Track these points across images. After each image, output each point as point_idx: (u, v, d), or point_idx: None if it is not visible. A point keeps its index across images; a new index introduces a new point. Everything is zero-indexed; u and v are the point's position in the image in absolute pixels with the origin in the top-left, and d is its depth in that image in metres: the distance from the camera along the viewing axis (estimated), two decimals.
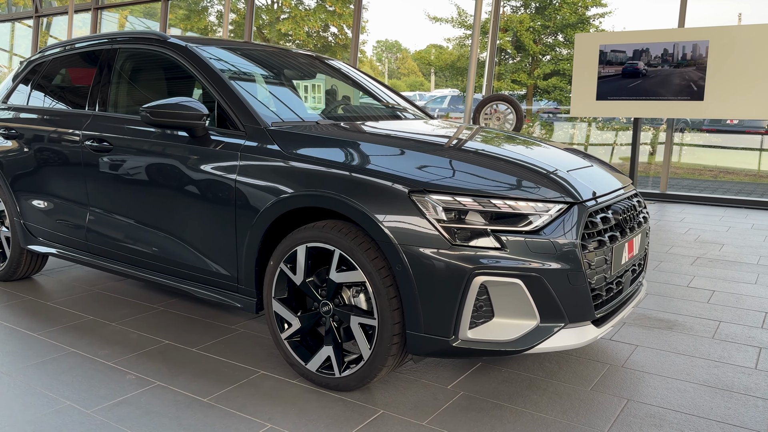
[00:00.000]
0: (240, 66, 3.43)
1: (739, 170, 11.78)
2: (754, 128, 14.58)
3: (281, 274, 2.63)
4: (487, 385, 2.66)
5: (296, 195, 2.53)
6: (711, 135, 15.41)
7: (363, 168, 2.45)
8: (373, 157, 2.55)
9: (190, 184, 2.89)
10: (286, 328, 2.65)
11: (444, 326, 2.30)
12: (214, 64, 3.08)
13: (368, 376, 2.46)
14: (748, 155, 13.25)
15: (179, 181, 2.94)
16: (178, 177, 2.94)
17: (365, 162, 2.50)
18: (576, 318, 2.36)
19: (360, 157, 2.56)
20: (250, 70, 3.48)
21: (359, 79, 4.14)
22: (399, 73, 58.18)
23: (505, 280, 2.25)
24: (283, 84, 3.62)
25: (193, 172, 2.89)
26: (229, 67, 3.30)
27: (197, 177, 2.87)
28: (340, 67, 4.16)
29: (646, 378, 2.74)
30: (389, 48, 63.03)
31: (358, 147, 2.64)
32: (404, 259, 2.29)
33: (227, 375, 2.73)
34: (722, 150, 14.13)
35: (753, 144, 13.90)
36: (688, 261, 4.80)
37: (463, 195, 2.31)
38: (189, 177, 2.90)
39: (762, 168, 12.15)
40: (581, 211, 2.39)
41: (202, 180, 2.85)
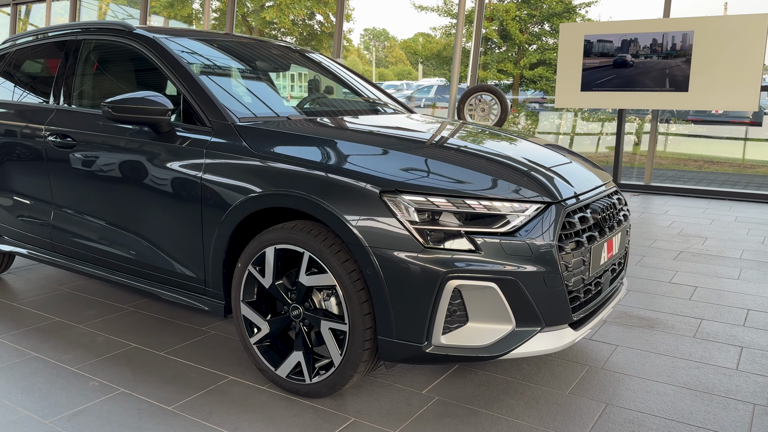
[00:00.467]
0: (213, 58, 3.31)
1: (724, 160, 11.79)
2: (739, 118, 14.62)
3: (249, 277, 2.53)
4: (463, 389, 2.59)
5: (264, 195, 2.43)
6: (696, 125, 15.44)
7: (333, 167, 2.35)
8: (345, 156, 2.45)
9: (155, 182, 2.78)
10: (255, 333, 2.56)
11: (416, 332, 2.21)
12: (180, 56, 2.96)
13: (339, 383, 2.38)
14: (733, 145, 13.27)
15: (144, 179, 2.82)
16: (142, 174, 2.83)
17: (336, 161, 2.40)
18: (553, 321, 2.29)
19: (331, 155, 2.45)
20: (223, 62, 3.36)
21: (338, 72, 4.03)
22: (387, 62, 57.92)
23: (479, 284, 2.17)
24: (257, 77, 3.51)
25: (157, 170, 2.77)
26: (201, 59, 3.19)
27: (162, 175, 2.76)
28: (321, 61, 4.05)
29: (626, 380, 2.68)
30: (377, 36, 62.66)
31: (330, 145, 2.53)
32: (375, 262, 2.20)
33: (194, 381, 2.64)
34: (707, 140, 14.15)
35: (737, 134, 13.93)
36: (671, 255, 4.75)
37: (437, 195, 2.22)
38: (154, 174, 2.79)
39: (746, 157, 12.17)
40: (559, 211, 2.30)
41: (167, 178, 2.74)
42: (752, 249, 4.99)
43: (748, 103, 7.08)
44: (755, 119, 14.76)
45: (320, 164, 2.38)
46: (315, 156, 2.44)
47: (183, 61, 2.92)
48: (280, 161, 2.45)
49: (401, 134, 2.89)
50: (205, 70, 3.09)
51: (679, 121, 14.90)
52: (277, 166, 2.44)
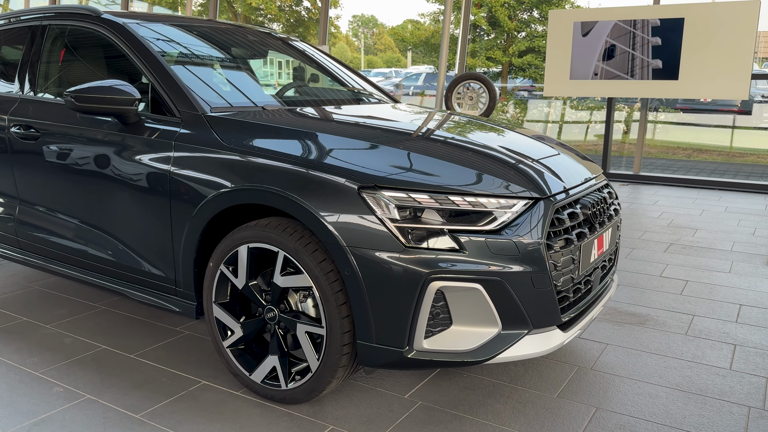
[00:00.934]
0: (187, 45, 3.14)
1: (713, 148, 11.73)
2: (727, 107, 14.58)
3: (222, 277, 2.39)
4: (447, 393, 2.47)
5: (235, 190, 2.29)
6: (685, 114, 15.39)
7: (309, 161, 2.22)
8: (322, 149, 2.32)
9: (122, 176, 2.63)
10: (229, 336, 2.43)
11: (397, 336, 2.09)
12: (149, 42, 2.80)
13: (317, 389, 2.25)
14: (721, 133, 13.22)
15: (110, 173, 2.67)
16: (109, 168, 2.68)
17: (313, 154, 2.27)
18: (541, 323, 2.17)
19: (307, 148, 2.32)
20: (197, 49, 3.20)
21: (321, 60, 3.88)
22: (375, 49, 57.54)
23: (463, 285, 2.05)
24: (234, 65, 3.35)
25: (125, 163, 2.62)
26: (174, 46, 3.02)
27: (129, 168, 2.60)
28: (304, 49, 3.89)
29: (617, 382, 2.58)
30: (365, 23, 62.20)
31: (307, 137, 2.39)
32: (353, 263, 2.07)
33: (165, 386, 2.50)
34: (696, 128, 14.11)
35: (726, 122, 13.90)
36: (661, 248, 4.66)
37: (419, 191, 2.09)
38: (121, 168, 2.63)
39: (736, 146, 12.12)
40: (547, 208, 2.18)
41: (135, 172, 2.59)
42: (743, 241, 4.91)
43: (739, 92, 6.99)
44: (743, 108, 14.75)
45: (295, 158, 2.24)
46: (290, 149, 2.30)
47: (151, 48, 2.76)
48: (252, 154, 2.31)
49: (383, 126, 2.75)
50: (177, 57, 2.93)
51: (668, 110, 14.85)
52: (250, 159, 2.30)
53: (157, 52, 2.76)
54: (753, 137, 13.23)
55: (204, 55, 3.19)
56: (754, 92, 14.97)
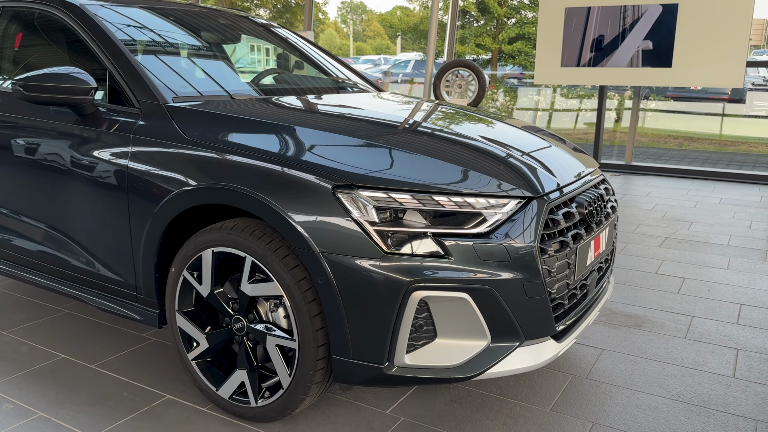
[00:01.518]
0: (155, 29, 2.90)
1: (704, 137, 11.59)
2: (717, 95, 14.44)
3: (185, 284, 2.19)
4: (432, 407, 2.29)
5: (197, 189, 2.08)
6: (675, 102, 15.24)
7: (279, 157, 2.00)
8: (294, 143, 2.11)
9: (78, 172, 2.41)
10: (194, 347, 2.23)
11: (376, 351, 1.90)
12: (108, 26, 2.56)
13: (288, 407, 2.06)
14: (713, 121, 13.08)
15: (65, 169, 2.45)
16: (63, 163, 2.45)
17: (283, 149, 2.05)
18: (534, 334, 1.99)
19: (277, 142, 2.10)
20: (166, 34, 2.96)
21: (302, 47, 3.65)
22: (364, 36, 57.05)
23: (449, 295, 1.86)
24: (206, 51, 3.12)
25: (80, 158, 2.40)
26: (139, 31, 2.79)
27: (85, 164, 2.38)
28: (286, 36, 3.65)
29: (614, 392, 2.41)
30: (354, 9, 61.55)
31: (277, 130, 2.18)
32: (327, 270, 1.87)
33: (126, 401, 2.30)
34: (687, 116, 13.96)
35: (717, 110, 13.77)
36: (656, 242, 4.50)
37: (400, 190, 1.89)
38: (76, 164, 2.41)
39: (728, 133, 11.98)
40: (540, 207, 1.99)
41: (91, 168, 2.36)
42: (739, 234, 4.75)
43: (733, 79, 6.82)
44: (734, 96, 14.63)
45: (264, 153, 2.03)
46: (259, 143, 2.08)
47: (109, 31, 2.52)
48: (216, 149, 2.09)
49: (363, 118, 2.54)
50: (141, 42, 2.70)
51: (659, 98, 14.70)
52: (214, 155, 2.09)
53: (116, 35, 2.52)
54: (745, 125, 13.12)
55: (172, 41, 2.95)
56: (746, 80, 14.87)
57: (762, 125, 13.44)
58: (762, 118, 13.93)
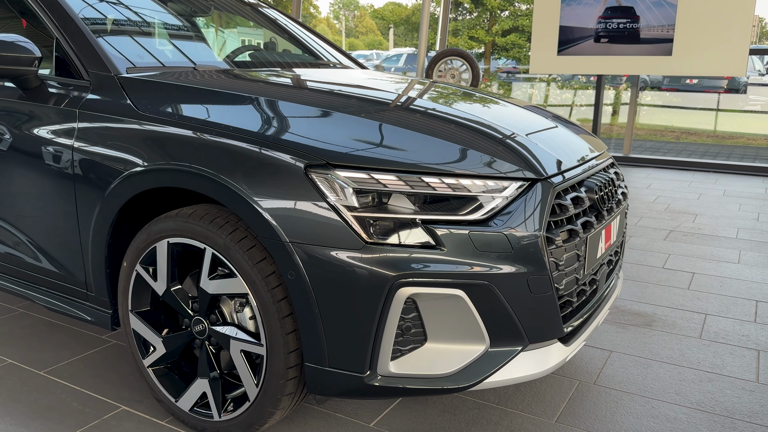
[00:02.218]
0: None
1: (701, 131, 11.38)
2: (713, 88, 14.22)
3: (139, 280, 1.91)
4: (422, 419, 2.02)
5: (150, 170, 1.80)
6: (671, 95, 15.02)
7: (243, 132, 1.73)
8: (261, 117, 1.83)
9: (19, 154, 2.12)
10: (150, 352, 1.95)
11: (356, 357, 1.63)
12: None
13: (256, 422, 1.79)
14: (708, 115, 12.87)
15: (6, 151, 2.16)
16: (4, 144, 2.16)
17: (248, 123, 1.78)
18: (538, 337, 1.72)
19: (242, 116, 1.83)
20: (129, 2, 2.67)
21: (283, 22, 3.36)
22: (357, 32, 56.74)
23: (441, 292, 1.59)
24: (174, 21, 2.82)
25: (22, 138, 2.11)
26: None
27: (27, 144, 2.10)
28: (267, 12, 3.37)
29: (626, 400, 2.15)
30: (346, 5, 61.19)
31: (242, 102, 1.91)
32: (298, 264, 1.60)
33: (75, 413, 2.02)
34: (683, 111, 13.73)
35: (712, 104, 13.55)
36: (660, 235, 4.24)
37: (383, 170, 1.62)
38: (17, 144, 2.13)
39: (724, 129, 11.75)
40: (546, 191, 1.72)
41: (34, 148, 2.08)
42: (748, 227, 4.51)
43: (736, 68, 6.58)
44: (731, 87, 14.41)
45: (226, 128, 1.75)
46: (221, 117, 1.81)
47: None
48: (172, 124, 1.82)
49: (343, 91, 2.26)
50: (96, 8, 2.41)
51: (654, 90, 14.48)
52: (168, 130, 1.81)
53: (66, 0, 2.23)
54: (743, 120, 12.91)
55: (135, 8, 2.66)
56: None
57: (758, 120, 13.24)
58: (759, 113, 13.74)
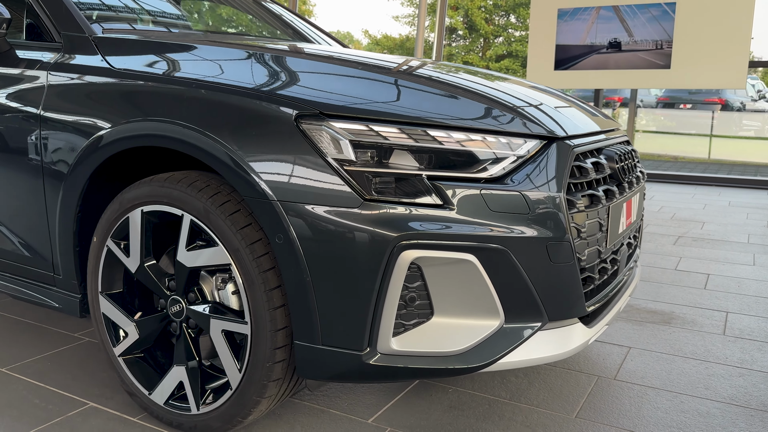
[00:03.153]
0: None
1: (696, 159, 11.26)
2: (709, 98, 14.08)
3: (111, 257, 1.71)
4: (426, 415, 1.80)
5: (123, 128, 1.61)
6: (665, 118, 14.99)
7: (226, 84, 1.55)
8: (247, 70, 1.66)
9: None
10: (122, 339, 1.74)
11: (353, 333, 1.42)
12: None
13: (239, 414, 1.57)
14: (702, 140, 12.74)
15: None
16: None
17: (233, 76, 1.60)
18: (559, 314, 1.53)
19: (226, 70, 1.66)
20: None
21: (277, 11, 3.21)
22: None
23: (449, 256, 1.39)
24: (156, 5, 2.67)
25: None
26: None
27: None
28: (269, 6, 3.23)
29: (651, 395, 1.94)
30: (341, 39, 61.79)
31: (226, 56, 1.74)
32: (287, 225, 1.41)
33: (35, 410, 1.80)
34: (677, 136, 13.65)
35: (705, 129, 13.45)
36: (669, 240, 4.07)
37: (384, 122, 1.44)
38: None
39: (713, 156, 11.59)
40: (564, 151, 1.55)
41: (3, 118, 1.90)
42: (759, 233, 4.34)
43: (736, 81, 6.49)
44: (726, 101, 14.34)
45: (206, 81, 1.57)
46: (203, 71, 1.64)
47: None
48: (150, 80, 1.64)
49: (340, 55, 2.08)
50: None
51: (647, 108, 14.42)
52: (146, 85, 1.63)
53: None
54: (739, 145, 12.83)
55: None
56: (734, 98, 14.67)
57: (754, 145, 13.17)
58: (755, 140, 13.67)
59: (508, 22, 16.75)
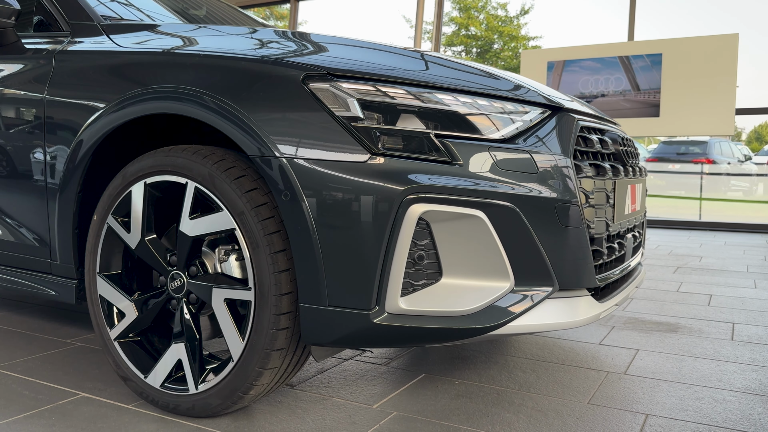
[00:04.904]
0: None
1: (686, 222, 11.30)
2: (698, 157, 14.27)
3: (110, 235, 1.67)
4: (433, 402, 1.73)
5: (128, 98, 1.61)
6: (654, 177, 15.20)
7: (233, 51, 1.57)
8: (253, 41, 1.70)
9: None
10: (118, 322, 1.68)
11: (361, 291, 1.39)
12: None
13: (240, 388, 1.50)
14: (692, 203, 12.84)
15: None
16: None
17: (239, 46, 1.63)
18: (569, 283, 1.50)
19: (232, 41, 1.70)
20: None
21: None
22: None
23: (458, 211, 1.38)
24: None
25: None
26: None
27: (2, 100, 1.92)
28: None
29: (664, 386, 1.88)
30: None
31: (231, 31, 1.78)
32: (295, 182, 1.39)
33: (24, 399, 1.71)
34: (667, 199, 13.76)
35: (695, 191, 13.58)
36: (668, 270, 4.04)
37: (391, 83, 1.45)
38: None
39: (703, 218, 11.59)
40: (569, 121, 1.56)
41: (8, 103, 1.91)
42: (757, 264, 4.33)
43: (724, 127, 6.65)
44: (712, 171, 14.57)
45: (213, 52, 1.59)
46: (208, 44, 1.67)
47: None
48: (154, 53, 1.66)
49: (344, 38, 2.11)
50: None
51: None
52: (149, 56, 1.65)
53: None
54: (728, 207, 12.95)
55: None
56: (721, 158, 14.94)
57: (742, 207, 13.30)
58: (741, 202, 13.82)
59: (504, 55, 17.29)
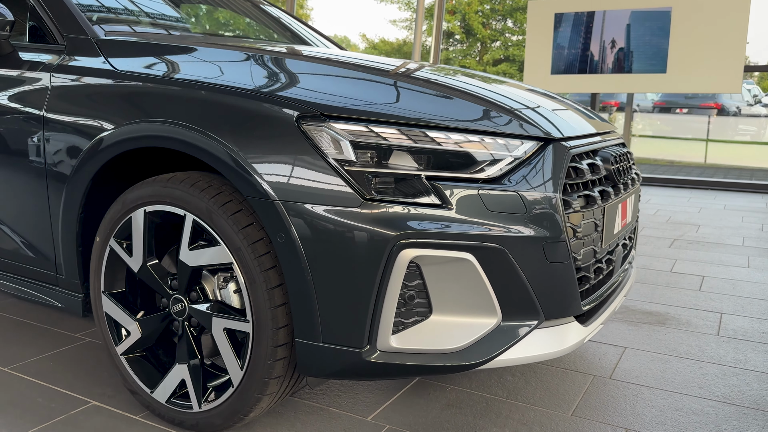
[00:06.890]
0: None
1: (692, 164, 11.33)
2: (705, 103, 14.15)
3: (113, 257, 1.73)
4: (424, 413, 1.83)
5: (125, 129, 1.64)
6: (661, 122, 15.08)
7: (229, 86, 1.58)
8: (249, 72, 1.69)
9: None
10: (124, 338, 1.76)
11: (354, 330, 1.45)
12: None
13: (241, 411, 1.59)
14: (699, 144, 12.80)
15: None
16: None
17: (235, 78, 1.63)
18: (555, 312, 1.56)
19: (228, 72, 1.69)
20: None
21: (277, 15, 3.24)
22: None
23: (448, 255, 1.42)
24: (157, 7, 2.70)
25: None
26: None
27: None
28: (269, 11, 3.25)
29: (646, 394, 1.97)
30: (339, 42, 61.92)
31: (229, 59, 1.77)
32: (288, 224, 1.43)
33: (38, 408, 1.82)
34: (674, 141, 13.69)
35: (702, 133, 13.52)
36: (664, 243, 4.10)
37: (383, 123, 1.47)
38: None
39: (709, 161, 11.62)
40: (560, 152, 1.58)
41: (4, 119, 1.92)
42: (753, 236, 4.38)
43: (731, 85, 6.55)
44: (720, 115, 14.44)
45: (208, 83, 1.60)
46: (205, 73, 1.66)
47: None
48: (152, 81, 1.67)
49: (339, 58, 2.11)
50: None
51: (643, 112, 14.47)
52: (149, 87, 1.66)
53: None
54: (735, 149, 12.90)
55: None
56: (730, 102, 14.75)
57: (749, 149, 13.23)
58: (751, 144, 13.74)
59: (505, 26, 16.84)
